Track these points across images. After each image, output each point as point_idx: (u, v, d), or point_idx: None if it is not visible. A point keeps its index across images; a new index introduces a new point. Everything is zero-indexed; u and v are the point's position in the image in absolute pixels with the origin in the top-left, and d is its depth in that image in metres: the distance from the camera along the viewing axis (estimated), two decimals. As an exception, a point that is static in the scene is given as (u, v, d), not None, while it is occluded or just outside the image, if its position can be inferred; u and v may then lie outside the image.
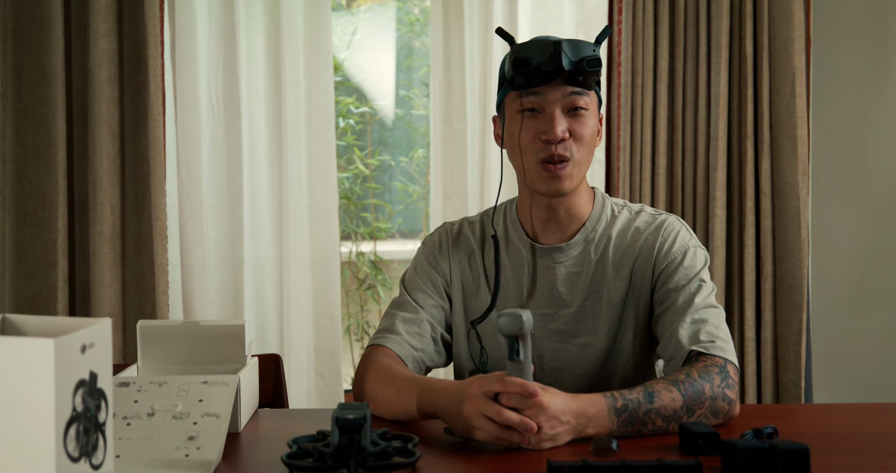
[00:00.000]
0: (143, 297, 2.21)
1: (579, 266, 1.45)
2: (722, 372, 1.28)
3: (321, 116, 2.48)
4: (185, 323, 1.40)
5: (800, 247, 2.57)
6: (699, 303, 1.37)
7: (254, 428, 1.31)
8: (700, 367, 1.29)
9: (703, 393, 1.25)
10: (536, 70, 1.34)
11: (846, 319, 2.78)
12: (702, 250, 1.45)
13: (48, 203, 2.14)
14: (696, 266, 1.41)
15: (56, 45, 2.13)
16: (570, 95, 1.37)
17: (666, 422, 1.22)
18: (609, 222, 1.47)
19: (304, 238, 2.48)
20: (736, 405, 1.29)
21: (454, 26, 2.58)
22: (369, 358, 1.40)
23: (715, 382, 1.26)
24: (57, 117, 2.14)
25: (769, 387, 2.61)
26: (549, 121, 1.36)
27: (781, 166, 2.60)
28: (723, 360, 1.30)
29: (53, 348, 0.79)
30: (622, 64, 2.56)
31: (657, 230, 1.44)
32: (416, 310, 1.47)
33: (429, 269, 1.51)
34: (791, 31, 2.55)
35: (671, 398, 1.23)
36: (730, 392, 1.28)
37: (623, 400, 1.21)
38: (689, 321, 1.35)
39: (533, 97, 1.37)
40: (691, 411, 1.23)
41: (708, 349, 1.31)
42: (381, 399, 1.32)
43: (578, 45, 1.34)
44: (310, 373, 2.50)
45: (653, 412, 1.21)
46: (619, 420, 1.20)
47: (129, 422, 1.17)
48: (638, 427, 1.21)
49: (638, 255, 1.44)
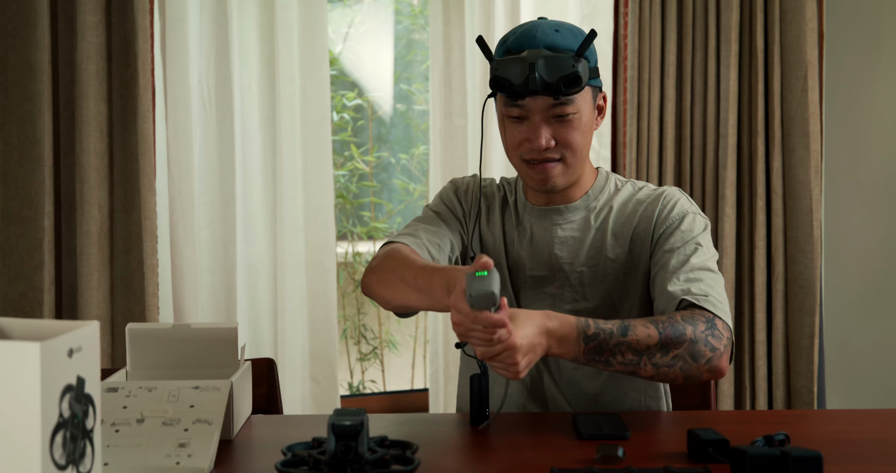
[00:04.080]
0: (133, 299, 2.21)
1: (579, 232, 1.49)
2: (709, 322, 1.29)
3: (316, 111, 2.49)
4: (175, 326, 1.40)
5: (812, 247, 2.57)
6: (695, 263, 1.39)
7: (247, 435, 1.31)
8: (686, 313, 1.30)
9: (682, 334, 1.26)
10: (513, 89, 1.36)
11: (860, 322, 2.78)
12: (702, 218, 1.47)
13: (34, 202, 2.14)
14: (693, 230, 1.43)
15: (42, 39, 2.13)
16: (553, 106, 1.38)
17: (637, 356, 1.25)
18: (612, 194, 1.51)
19: (299, 238, 2.48)
20: (723, 357, 1.29)
21: (454, 18, 2.58)
22: (382, 250, 1.42)
23: (699, 328, 1.28)
24: (43, 113, 2.14)
25: (780, 392, 2.62)
26: (534, 130, 1.39)
27: (793, 164, 2.60)
28: (712, 314, 1.31)
29: (39, 352, 0.79)
30: (628, 58, 2.56)
31: (657, 199, 1.48)
32: (439, 224, 1.50)
33: (454, 199, 1.56)
34: (803, 24, 2.55)
35: (646, 334, 1.25)
36: (714, 341, 1.28)
37: (595, 328, 1.25)
38: (683, 279, 1.36)
39: (516, 109, 1.40)
40: (666, 348, 1.25)
41: (699, 301, 1.32)
42: (398, 284, 1.33)
43: (556, 63, 1.34)
44: (305, 378, 2.50)
45: (623, 345, 1.25)
46: (587, 347, 1.24)
47: (117, 429, 1.17)
48: (606, 357, 1.24)
49: (638, 222, 1.47)
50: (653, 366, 1.26)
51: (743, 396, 2.62)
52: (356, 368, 3.26)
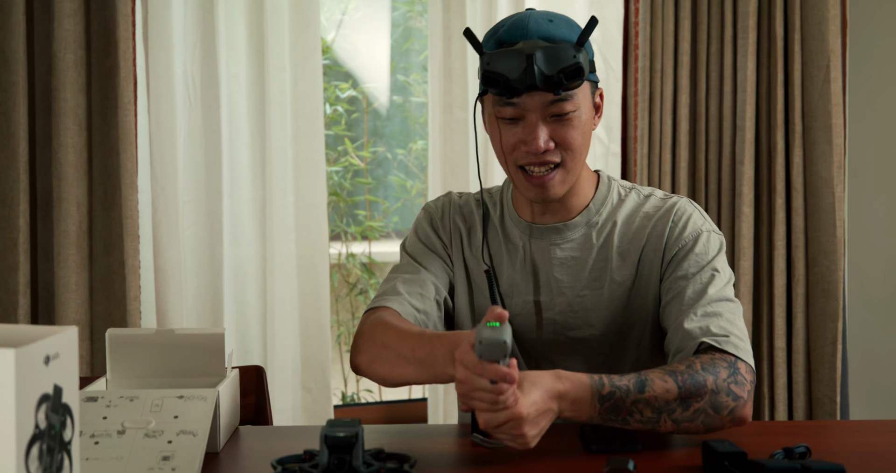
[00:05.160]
0: (113, 303, 2.21)
1: (579, 251, 1.45)
2: (731, 367, 1.27)
3: (308, 104, 2.49)
4: (158, 332, 1.40)
5: (835, 248, 2.57)
6: (712, 295, 1.35)
7: (234, 448, 1.31)
8: (706, 359, 1.27)
9: (703, 385, 1.24)
10: (508, 85, 1.31)
11: (886, 327, 2.78)
12: (717, 236, 1.44)
13: (8, 200, 2.14)
14: (709, 253, 1.40)
15: (17, 26, 2.13)
16: (552, 103, 1.33)
17: (656, 414, 1.22)
18: (615, 206, 1.47)
19: (290, 238, 2.48)
20: (746, 405, 1.26)
21: (455, 4, 2.59)
22: (368, 321, 1.40)
23: (721, 375, 1.25)
24: (18, 106, 2.14)
25: (801, 402, 2.62)
26: (531, 130, 1.34)
27: (815, 159, 2.60)
28: (734, 357, 1.28)
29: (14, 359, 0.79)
30: (640, 46, 2.56)
31: (667, 214, 1.44)
32: (418, 270, 1.47)
33: (430, 233, 1.52)
34: (826, 11, 2.55)
35: (664, 388, 1.23)
36: (737, 389, 1.25)
37: (611, 387, 1.21)
38: (700, 314, 1.33)
39: (510, 108, 1.35)
40: (686, 404, 1.23)
41: (720, 344, 1.29)
42: (395, 360, 1.30)
43: (555, 54, 1.30)
44: (296, 387, 2.50)
45: (641, 402, 1.22)
46: (603, 407, 1.21)
47: (97, 441, 1.17)
48: (623, 416, 1.22)
49: (647, 242, 1.43)
50: (673, 422, 1.24)
51: (761, 406, 2.62)
52: (350, 376, 3.26)
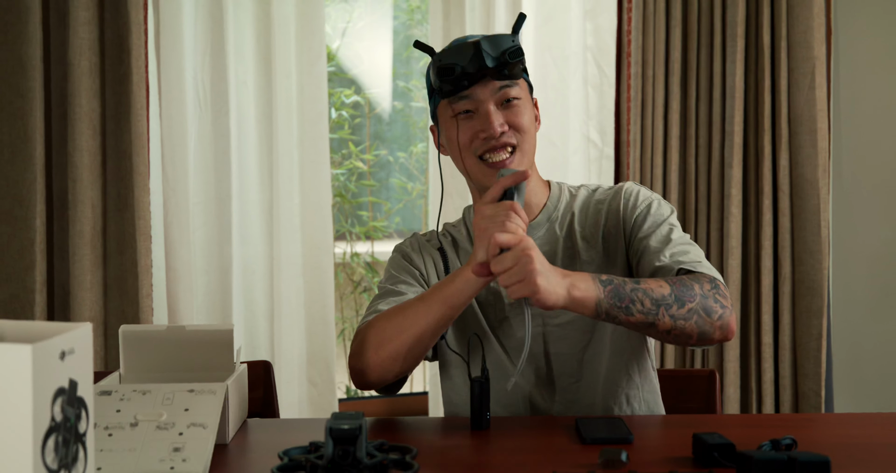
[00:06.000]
0: (126, 300, 2.21)
1: (548, 245, 1.52)
2: (712, 282, 1.34)
3: (314, 108, 2.48)
4: (169, 328, 1.40)
5: (820, 248, 2.57)
6: (676, 240, 1.44)
7: (242, 439, 1.31)
8: (688, 276, 1.35)
9: (692, 289, 1.31)
10: (462, 74, 1.41)
11: (869, 324, 2.78)
12: (666, 203, 1.53)
13: (25, 201, 2.14)
14: (663, 214, 1.49)
15: (34, 34, 2.13)
16: (500, 89, 1.44)
17: (655, 306, 1.28)
18: (569, 201, 1.56)
19: (296, 238, 2.48)
20: (731, 316, 1.34)
21: (454, 14, 2.58)
22: (359, 331, 1.43)
23: (705, 286, 1.33)
24: (34, 111, 2.13)
25: (787, 396, 2.62)
26: (485, 118, 1.43)
27: (800, 162, 2.60)
28: (709, 275, 1.35)
29: (31, 354, 0.79)
30: (632, 54, 2.56)
31: (617, 194, 1.53)
32: (398, 293, 1.51)
33: (406, 265, 1.57)
34: (811, 19, 2.55)
35: (658, 284, 1.31)
36: (722, 299, 1.33)
37: (607, 277, 1.29)
38: (669, 254, 1.41)
39: (464, 101, 1.45)
40: (681, 301, 1.30)
41: (695, 268, 1.37)
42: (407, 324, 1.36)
43: (497, 40, 1.42)
44: (302, 381, 2.50)
45: (640, 291, 1.29)
46: (606, 289, 1.28)
47: (110, 433, 1.17)
48: (626, 303, 1.28)
49: (605, 220, 1.51)
50: (670, 318, 1.29)
51: (749, 399, 2.62)
52: (354, 370, 3.26)
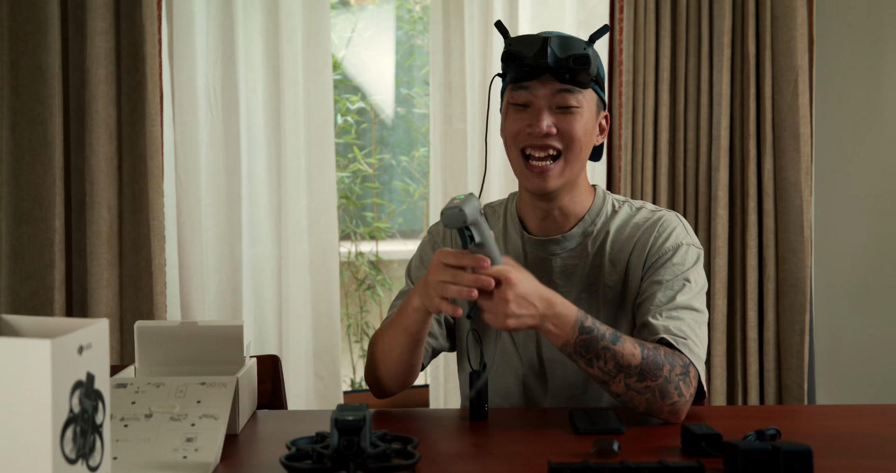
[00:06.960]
0: (141, 297, 2.21)
1: (576, 259, 1.45)
2: (685, 368, 1.28)
3: (320, 114, 2.48)
4: (182, 324, 1.40)
5: (803, 247, 2.57)
6: (680, 302, 1.37)
7: (252, 430, 1.31)
8: (668, 350, 1.29)
9: (661, 369, 1.25)
10: (523, 64, 1.35)
11: (850, 319, 2.78)
12: (696, 249, 1.44)
13: (45, 203, 2.14)
14: (685, 264, 1.41)
15: (53, 44, 2.13)
16: (558, 92, 1.37)
17: (616, 369, 1.24)
18: (609, 217, 1.47)
19: (303, 238, 2.48)
20: (686, 405, 1.28)
21: (454, 24, 2.58)
22: (371, 342, 1.43)
23: (676, 369, 1.27)
24: (54, 116, 2.13)
25: (772, 388, 2.61)
26: (536, 115, 1.37)
27: (784, 166, 2.60)
28: (688, 359, 1.30)
29: (50, 349, 0.79)
30: (623, 62, 2.56)
31: (653, 225, 1.44)
32: None
33: (432, 254, 1.51)
34: (794, 30, 2.55)
35: (632, 352, 1.25)
36: (684, 388, 1.27)
37: (592, 324, 1.24)
38: (665, 316, 1.35)
39: (522, 92, 1.38)
40: (643, 376, 1.24)
41: (677, 343, 1.31)
42: (388, 346, 1.36)
43: (568, 42, 1.34)
44: (308, 374, 2.50)
45: (610, 352, 1.23)
46: (579, 337, 1.23)
47: (126, 424, 1.17)
48: (591, 356, 1.23)
49: (633, 249, 1.44)
50: (625, 386, 1.25)
51: (735, 392, 2.62)
52: (359, 365, 3.26)
